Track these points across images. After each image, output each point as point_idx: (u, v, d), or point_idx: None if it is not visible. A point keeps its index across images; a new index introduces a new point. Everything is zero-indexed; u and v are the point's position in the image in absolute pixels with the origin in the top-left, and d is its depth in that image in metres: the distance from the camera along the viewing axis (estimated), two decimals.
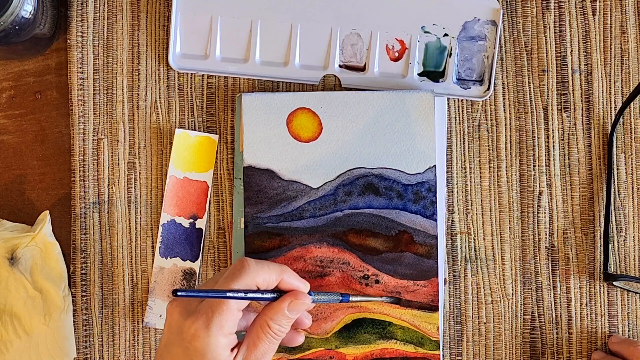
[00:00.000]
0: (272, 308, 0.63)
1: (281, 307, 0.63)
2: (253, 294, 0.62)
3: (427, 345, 0.75)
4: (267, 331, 0.63)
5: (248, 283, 0.61)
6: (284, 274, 0.64)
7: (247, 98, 0.75)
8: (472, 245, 0.78)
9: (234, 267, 0.62)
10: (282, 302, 0.63)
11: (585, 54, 0.78)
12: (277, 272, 0.63)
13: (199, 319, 0.60)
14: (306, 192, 0.75)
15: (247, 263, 0.62)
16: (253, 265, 0.62)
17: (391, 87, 0.77)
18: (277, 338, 0.64)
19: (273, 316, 0.63)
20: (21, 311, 0.75)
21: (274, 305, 0.63)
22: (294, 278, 0.64)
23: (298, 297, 0.63)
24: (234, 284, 0.61)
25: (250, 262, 0.62)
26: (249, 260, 0.62)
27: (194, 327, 0.60)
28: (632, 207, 0.78)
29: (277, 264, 0.64)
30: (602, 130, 0.78)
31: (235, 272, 0.62)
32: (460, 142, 0.78)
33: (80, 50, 0.78)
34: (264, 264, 0.63)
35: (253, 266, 0.62)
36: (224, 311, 0.60)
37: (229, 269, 0.63)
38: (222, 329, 0.60)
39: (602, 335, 0.78)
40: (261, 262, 0.63)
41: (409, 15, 0.77)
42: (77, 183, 0.78)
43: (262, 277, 0.62)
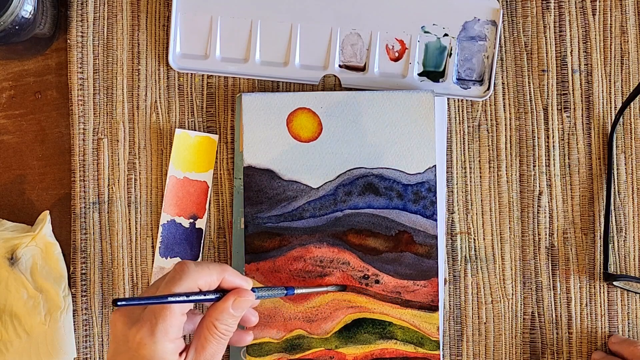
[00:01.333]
0: (217, 308, 0.62)
1: (225, 306, 0.62)
2: (195, 296, 0.61)
3: (427, 345, 0.75)
4: (214, 332, 0.62)
5: (189, 286, 0.61)
6: (225, 273, 0.63)
7: (247, 98, 0.75)
8: (472, 245, 0.78)
9: (174, 271, 0.61)
10: (225, 301, 0.62)
11: (585, 54, 0.78)
12: (217, 272, 0.62)
13: (143, 327, 0.60)
14: (306, 192, 0.75)
15: (186, 266, 0.61)
16: (193, 267, 0.61)
17: (391, 87, 0.77)
18: (224, 338, 0.63)
19: (218, 316, 0.62)
20: (21, 311, 0.75)
21: (218, 305, 0.62)
22: (235, 276, 0.63)
23: (241, 294, 0.63)
24: (175, 288, 0.60)
25: (190, 264, 0.61)
26: (188, 262, 0.62)
27: (139, 335, 0.59)
28: (632, 207, 0.78)
29: (217, 264, 0.63)
30: (602, 130, 0.78)
31: (175, 276, 0.61)
32: (460, 142, 0.78)
33: (80, 50, 0.78)
34: (203, 265, 0.62)
35: (193, 268, 0.61)
36: (167, 316, 0.59)
37: (169, 274, 0.62)
38: (168, 334, 0.60)
39: (602, 335, 0.78)
40: (201, 263, 0.62)
41: (409, 15, 0.77)
42: (77, 183, 0.78)
43: (203, 279, 0.61)
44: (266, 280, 0.75)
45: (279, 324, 0.75)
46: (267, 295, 0.67)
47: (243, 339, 0.69)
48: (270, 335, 0.75)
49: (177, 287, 0.60)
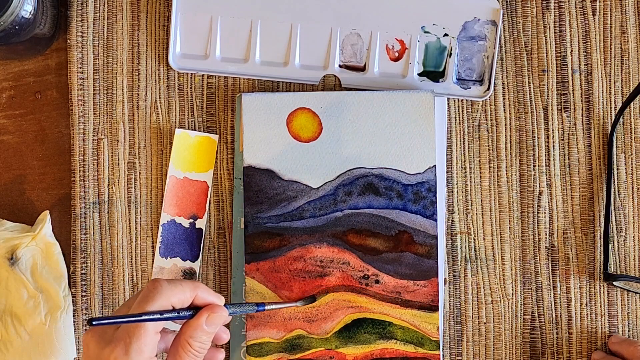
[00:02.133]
0: (190, 325, 0.62)
1: (199, 323, 0.62)
2: (169, 314, 0.60)
3: (427, 345, 0.75)
4: (188, 349, 0.62)
5: (163, 304, 0.60)
6: (198, 290, 0.62)
7: (247, 98, 0.75)
8: (472, 245, 0.78)
9: (147, 289, 0.61)
10: (199, 317, 0.62)
11: (585, 54, 0.78)
12: (190, 289, 0.62)
13: (117, 347, 0.59)
14: (306, 192, 0.75)
15: (159, 284, 0.61)
16: (165, 285, 0.61)
17: (391, 87, 0.77)
18: (198, 356, 0.62)
19: (192, 333, 0.62)
20: (21, 311, 0.75)
21: (191, 323, 0.62)
22: (208, 293, 0.63)
23: (215, 310, 0.62)
24: (148, 307, 0.60)
25: (162, 282, 0.61)
26: (160, 280, 0.61)
27: (113, 355, 0.59)
28: (632, 207, 0.78)
29: (189, 281, 0.63)
30: (602, 130, 0.78)
31: (148, 295, 0.60)
32: (460, 142, 0.78)
33: (80, 50, 0.78)
34: (176, 283, 0.62)
35: (165, 286, 0.61)
36: (141, 335, 0.59)
37: (141, 292, 0.62)
38: (142, 353, 0.59)
39: (602, 335, 0.78)
40: (173, 281, 0.62)
41: (409, 15, 0.77)
42: (77, 183, 0.78)
43: (176, 297, 0.61)
44: (266, 280, 0.75)
45: (279, 323, 0.75)
46: (239, 311, 0.67)
47: (215, 356, 0.68)
48: (270, 335, 0.75)
49: (151, 305, 0.60)
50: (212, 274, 0.78)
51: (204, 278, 0.77)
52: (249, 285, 0.75)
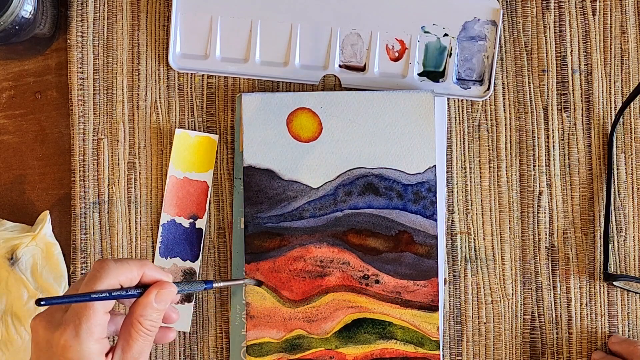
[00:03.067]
0: (140, 304, 0.61)
1: (148, 300, 0.61)
2: (117, 293, 0.60)
3: (427, 345, 0.75)
4: (139, 328, 0.61)
5: (110, 283, 0.59)
6: (145, 268, 0.62)
7: (247, 98, 0.75)
8: (472, 245, 0.78)
9: (94, 269, 0.60)
10: (148, 295, 0.61)
11: (585, 54, 0.78)
12: (137, 267, 0.61)
13: (67, 329, 0.58)
14: (306, 192, 0.75)
15: (105, 263, 0.60)
16: (112, 264, 0.60)
17: (391, 87, 0.77)
18: (150, 334, 0.62)
19: (142, 312, 0.61)
20: (21, 311, 0.75)
21: (140, 301, 0.61)
22: (155, 270, 0.62)
23: (163, 287, 0.61)
24: (96, 286, 0.59)
25: (109, 261, 0.60)
26: (107, 260, 0.60)
27: (63, 338, 0.58)
28: (632, 207, 0.78)
29: (136, 259, 0.62)
30: (602, 130, 0.78)
31: (95, 274, 0.59)
32: (460, 142, 0.78)
33: (80, 50, 0.78)
34: (123, 262, 0.61)
35: (112, 265, 0.60)
36: (91, 316, 0.58)
37: (88, 273, 0.61)
38: (93, 334, 0.59)
39: (602, 335, 0.78)
40: (120, 260, 0.61)
41: (409, 15, 0.77)
42: (77, 183, 0.78)
43: (123, 275, 0.60)
44: (266, 280, 0.75)
45: (279, 324, 0.75)
46: (187, 289, 0.66)
47: (166, 336, 0.67)
48: (270, 335, 0.75)
49: (98, 285, 0.59)
50: (212, 274, 0.78)
51: (204, 278, 0.77)
52: (249, 285, 0.75)
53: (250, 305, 0.75)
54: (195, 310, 0.77)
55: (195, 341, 0.78)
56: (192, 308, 0.77)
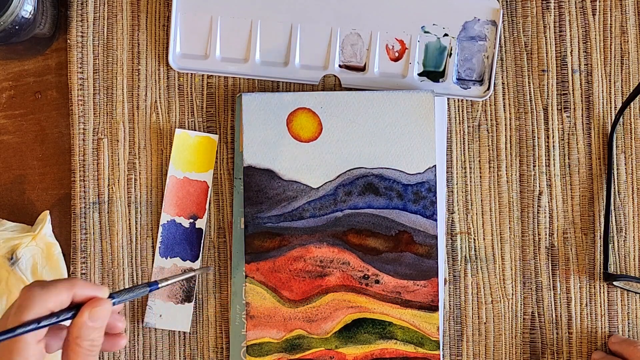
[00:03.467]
0: (75, 325, 0.58)
1: (82, 320, 0.58)
2: (47, 321, 0.56)
3: (427, 345, 0.75)
4: (79, 350, 0.58)
5: (39, 311, 0.56)
6: (75, 288, 0.58)
7: (247, 98, 0.75)
8: (472, 245, 0.78)
9: (20, 298, 0.57)
10: (81, 316, 0.58)
11: (585, 54, 0.78)
12: (66, 288, 0.58)
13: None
14: (306, 192, 0.75)
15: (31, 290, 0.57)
16: (38, 291, 0.57)
17: (391, 87, 0.77)
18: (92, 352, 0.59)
19: (78, 333, 0.58)
20: None
21: (75, 322, 0.58)
22: (86, 287, 0.59)
23: (95, 304, 0.58)
24: (25, 317, 0.56)
25: (34, 287, 0.57)
26: (32, 286, 0.57)
27: None
28: (632, 207, 0.78)
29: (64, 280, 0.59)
30: (602, 130, 0.78)
31: (22, 304, 0.56)
32: (460, 142, 0.78)
33: (80, 50, 0.78)
34: (49, 285, 0.57)
35: (38, 291, 0.57)
36: (21, 349, 0.55)
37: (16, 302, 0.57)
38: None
39: (602, 335, 0.78)
40: (47, 283, 0.58)
41: (409, 15, 0.77)
42: (77, 183, 0.78)
43: (51, 300, 0.57)
44: (266, 280, 0.75)
45: (279, 324, 0.75)
46: (129, 297, 0.63)
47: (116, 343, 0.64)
48: (270, 335, 0.75)
49: (26, 314, 0.56)
50: (212, 274, 0.78)
51: (204, 278, 0.77)
52: (249, 285, 0.75)
53: (250, 305, 0.75)
54: (195, 310, 0.77)
55: (195, 341, 0.78)
56: (192, 308, 0.77)
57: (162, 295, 0.77)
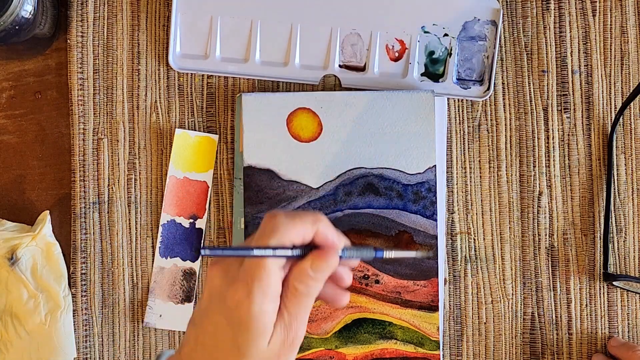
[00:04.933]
0: (297, 268, 0.57)
1: (304, 267, 0.57)
2: (281, 251, 0.56)
3: (427, 345, 0.75)
4: (294, 293, 0.57)
5: (282, 240, 0.56)
6: (319, 224, 0.58)
7: (247, 98, 0.75)
8: (472, 245, 0.78)
9: (263, 224, 0.57)
10: (305, 261, 0.57)
11: (585, 54, 0.78)
12: (311, 223, 0.57)
13: (240, 287, 0.55)
14: (306, 192, 0.75)
15: (277, 218, 0.57)
16: (284, 219, 0.57)
17: (391, 87, 0.77)
18: (306, 299, 0.58)
19: (297, 276, 0.57)
20: (21, 311, 0.75)
21: (298, 265, 0.57)
22: (328, 230, 0.58)
23: (321, 257, 0.57)
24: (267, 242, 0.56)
25: (280, 216, 0.57)
26: (278, 214, 0.57)
27: (237, 296, 0.55)
28: (632, 208, 0.78)
29: (310, 213, 0.58)
30: (602, 131, 0.78)
31: (265, 231, 0.57)
32: (460, 142, 0.78)
33: (80, 50, 0.78)
34: (295, 217, 0.57)
35: (284, 220, 0.57)
36: (263, 277, 0.55)
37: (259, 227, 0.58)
38: (266, 295, 0.55)
39: (602, 336, 0.78)
40: (293, 214, 0.57)
41: (409, 15, 0.77)
42: (77, 183, 0.78)
43: (296, 231, 0.57)
44: None
45: None
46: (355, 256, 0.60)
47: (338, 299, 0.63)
48: None
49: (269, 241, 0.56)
50: None
51: (204, 278, 0.77)
52: None
53: None
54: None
55: None
56: (192, 308, 0.77)
57: (162, 295, 0.77)
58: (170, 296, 0.77)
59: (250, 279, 0.55)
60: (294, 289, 0.57)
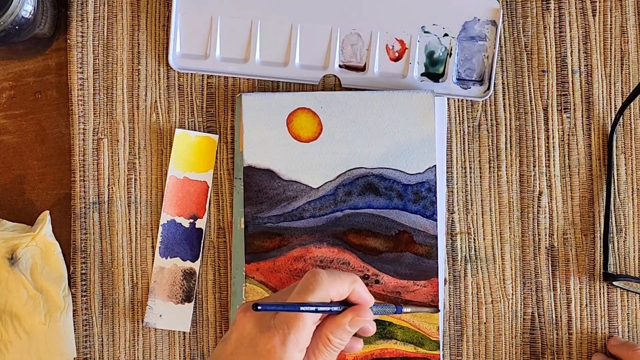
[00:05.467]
0: (334, 322, 0.62)
1: (343, 322, 0.62)
2: (323, 307, 0.60)
3: (427, 345, 0.75)
4: (327, 345, 0.62)
5: (322, 296, 0.60)
6: (355, 285, 0.62)
7: (247, 98, 0.75)
8: (472, 245, 0.78)
9: (307, 280, 0.61)
10: (344, 317, 0.62)
11: (585, 54, 0.78)
12: (349, 283, 0.62)
13: (275, 335, 0.60)
14: (306, 192, 0.75)
15: (319, 276, 0.61)
16: (326, 278, 0.61)
17: (391, 87, 0.77)
18: (336, 350, 0.63)
19: (334, 330, 0.62)
20: (21, 311, 0.75)
21: (336, 319, 0.62)
22: (363, 290, 0.63)
23: (360, 314, 0.62)
24: (308, 298, 0.60)
25: (322, 274, 0.61)
26: (320, 272, 0.61)
27: (271, 343, 0.59)
28: (632, 208, 0.78)
29: (347, 274, 0.63)
30: (602, 131, 0.78)
31: (308, 285, 0.61)
32: (460, 142, 0.78)
33: (80, 50, 0.78)
34: (335, 275, 0.62)
35: (326, 278, 0.61)
36: (299, 328, 0.60)
37: (300, 282, 0.62)
38: (298, 344, 0.60)
39: (602, 336, 0.78)
40: (333, 272, 0.62)
41: (409, 15, 0.77)
42: (77, 183, 0.78)
43: (335, 289, 0.61)
44: (266, 281, 0.75)
45: None
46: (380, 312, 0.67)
47: (354, 347, 0.68)
48: None
49: (311, 296, 0.60)
50: (212, 274, 0.78)
51: (204, 278, 0.77)
52: (249, 285, 0.75)
53: None
54: (195, 310, 0.77)
55: (195, 341, 0.78)
56: (192, 308, 0.77)
57: (162, 295, 0.77)
58: (170, 296, 0.77)
59: (287, 329, 0.60)
60: (328, 341, 0.62)
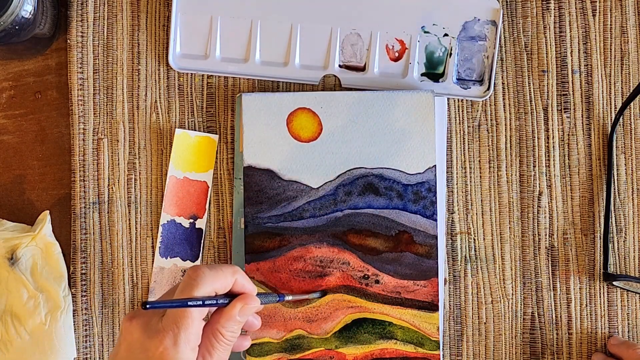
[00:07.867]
0: (224, 315, 0.62)
1: (232, 313, 0.62)
2: (210, 301, 0.60)
3: (427, 345, 0.75)
4: (220, 339, 0.62)
5: (207, 290, 0.60)
6: (237, 275, 0.62)
7: (247, 98, 0.75)
8: (472, 245, 0.78)
9: (189, 276, 0.61)
10: (233, 308, 0.62)
11: (585, 54, 0.78)
12: (231, 274, 0.62)
13: (165, 337, 0.59)
14: (306, 192, 0.75)
15: (201, 271, 0.61)
16: (208, 272, 0.61)
17: (391, 87, 0.77)
18: (229, 344, 0.63)
19: (225, 323, 0.62)
20: (21, 311, 0.75)
21: (225, 312, 0.62)
22: (245, 280, 0.63)
23: (248, 301, 0.62)
24: (194, 293, 0.60)
25: (204, 268, 0.61)
26: (202, 267, 0.61)
27: (163, 345, 0.59)
28: (632, 208, 0.78)
29: (228, 265, 0.63)
30: (602, 131, 0.78)
31: (191, 282, 0.60)
32: (460, 142, 0.78)
33: (80, 50, 0.78)
34: (217, 268, 0.61)
35: (208, 272, 0.61)
36: (189, 325, 0.59)
37: (183, 279, 0.61)
38: (190, 343, 0.59)
39: (602, 336, 0.78)
40: (213, 266, 0.62)
41: (409, 15, 0.77)
42: (77, 183, 0.78)
43: (219, 282, 0.61)
44: (267, 281, 0.75)
45: (279, 324, 0.75)
46: (265, 301, 0.67)
47: (242, 344, 0.68)
48: (270, 335, 0.75)
49: (195, 292, 0.60)
50: None
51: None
52: None
53: None
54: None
55: None
56: None
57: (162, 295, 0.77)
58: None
59: (176, 328, 0.59)
60: (221, 336, 0.62)
